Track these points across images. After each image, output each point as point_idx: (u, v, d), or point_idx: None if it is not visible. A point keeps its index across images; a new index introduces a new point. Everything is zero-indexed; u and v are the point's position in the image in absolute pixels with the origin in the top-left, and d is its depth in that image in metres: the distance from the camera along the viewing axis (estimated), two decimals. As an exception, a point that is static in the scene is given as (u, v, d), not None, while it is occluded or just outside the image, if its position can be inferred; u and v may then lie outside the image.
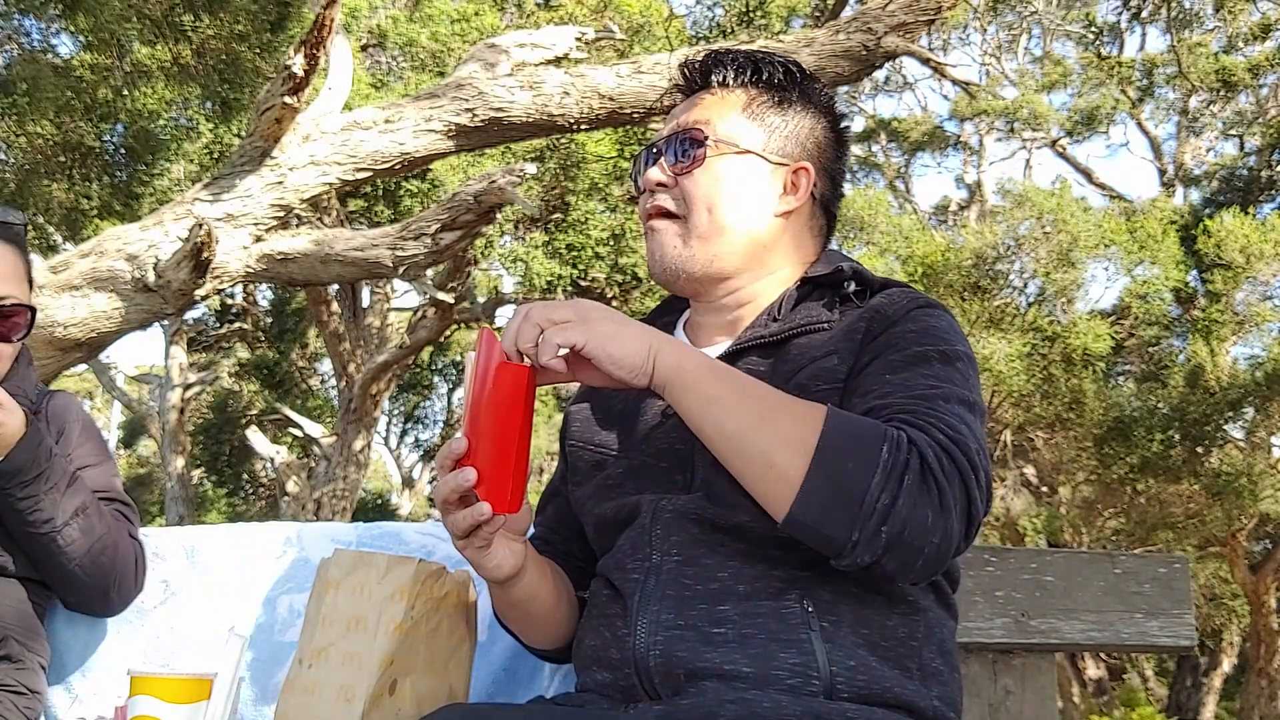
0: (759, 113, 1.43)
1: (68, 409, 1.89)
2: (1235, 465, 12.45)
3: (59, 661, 1.85)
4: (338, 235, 5.53)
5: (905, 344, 1.29)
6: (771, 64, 1.46)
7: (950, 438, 1.17)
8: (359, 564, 1.38)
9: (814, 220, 1.47)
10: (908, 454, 1.13)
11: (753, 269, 1.42)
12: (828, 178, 1.47)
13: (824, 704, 1.18)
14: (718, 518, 1.28)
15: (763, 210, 1.41)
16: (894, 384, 1.25)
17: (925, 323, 1.32)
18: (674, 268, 1.42)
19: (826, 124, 1.48)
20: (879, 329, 1.32)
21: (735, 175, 1.41)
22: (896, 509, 1.12)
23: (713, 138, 1.41)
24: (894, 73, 19.26)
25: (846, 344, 1.32)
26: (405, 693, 1.35)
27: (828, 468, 1.13)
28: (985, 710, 1.96)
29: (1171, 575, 2.13)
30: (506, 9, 12.22)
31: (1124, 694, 17.52)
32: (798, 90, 1.46)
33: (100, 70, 8.56)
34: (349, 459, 12.51)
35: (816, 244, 1.48)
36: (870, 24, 5.17)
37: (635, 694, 1.28)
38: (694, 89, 1.49)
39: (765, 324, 1.38)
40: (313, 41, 4.66)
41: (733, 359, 1.37)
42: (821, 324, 1.35)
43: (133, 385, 17.35)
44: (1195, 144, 17.49)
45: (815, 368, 1.31)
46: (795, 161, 1.43)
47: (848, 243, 14.78)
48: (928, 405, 1.21)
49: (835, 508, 1.13)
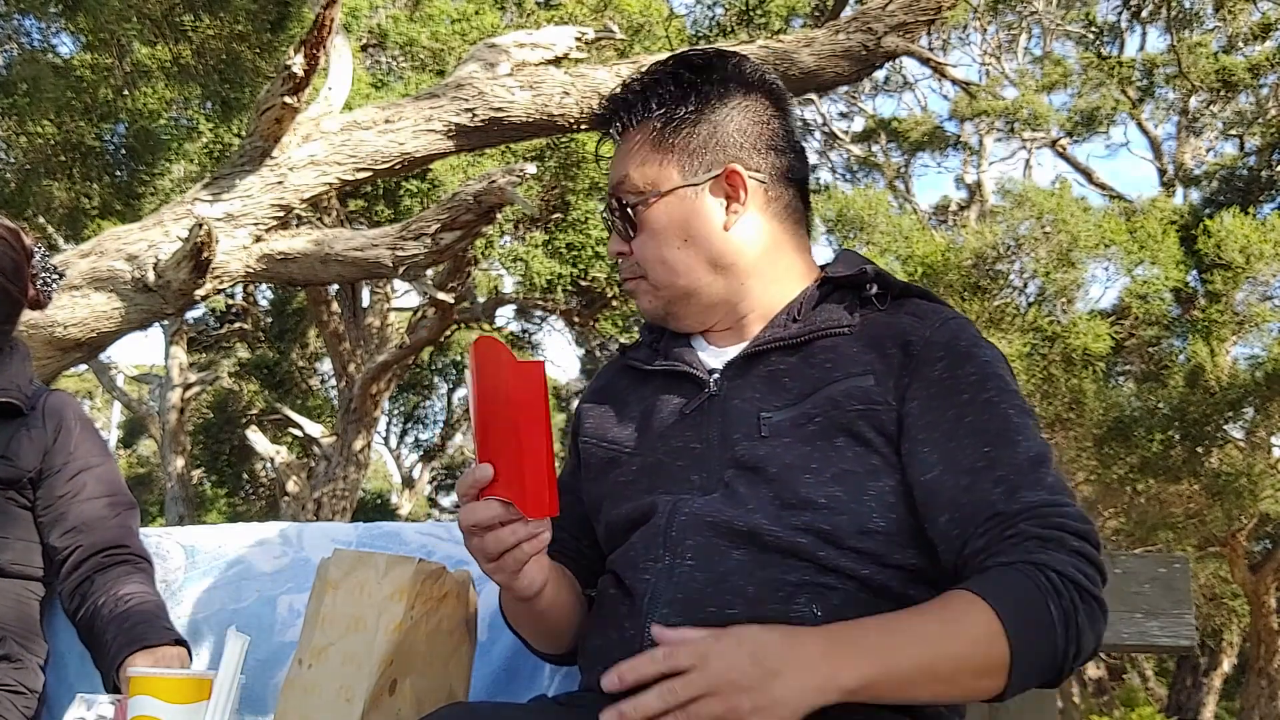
0: (668, 141, 1.38)
1: (65, 407, 1.89)
2: (1235, 465, 12.44)
3: (59, 661, 1.85)
4: (338, 235, 5.52)
5: (974, 392, 1.27)
6: (664, 84, 1.40)
7: (1081, 534, 1.19)
8: (359, 564, 1.38)
9: (776, 204, 1.41)
10: (1070, 594, 1.16)
11: (734, 284, 1.39)
12: (770, 154, 1.40)
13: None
14: (735, 520, 1.26)
15: (712, 234, 1.38)
16: (1000, 463, 1.23)
17: (979, 360, 1.30)
18: (660, 319, 1.43)
19: (747, 104, 1.40)
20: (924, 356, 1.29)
21: (672, 220, 1.38)
22: (1082, 647, 1.17)
23: (635, 194, 1.39)
24: (894, 73, 19.25)
25: (882, 364, 1.30)
26: (405, 692, 1.35)
27: (1023, 663, 1.15)
28: (985, 710, 1.96)
29: (1171, 575, 2.13)
30: (506, 9, 12.22)
31: (1124, 694, 17.52)
32: (699, 94, 1.39)
33: (100, 70, 8.56)
34: (349, 459, 12.51)
35: (793, 221, 1.43)
36: (870, 24, 5.17)
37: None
38: (614, 137, 1.45)
39: (785, 324, 1.36)
40: (313, 41, 4.66)
41: (753, 360, 1.35)
42: (843, 327, 1.33)
43: (133, 385, 17.35)
44: (1195, 144, 17.49)
45: (850, 385, 1.29)
46: (721, 168, 1.37)
47: (848, 243, 14.78)
48: (1045, 499, 1.21)
49: (1036, 678, 1.17)
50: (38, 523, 1.83)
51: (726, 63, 1.42)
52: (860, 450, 1.27)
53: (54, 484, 1.82)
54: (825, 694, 1.10)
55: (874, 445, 1.27)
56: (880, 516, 1.26)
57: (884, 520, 1.26)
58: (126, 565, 1.79)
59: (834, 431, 1.28)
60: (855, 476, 1.26)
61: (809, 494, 1.25)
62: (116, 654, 1.66)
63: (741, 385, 1.35)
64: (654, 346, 1.48)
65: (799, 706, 1.09)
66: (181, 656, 1.68)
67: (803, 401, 1.30)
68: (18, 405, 1.83)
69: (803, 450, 1.27)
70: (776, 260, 1.40)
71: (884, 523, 1.25)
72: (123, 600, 1.72)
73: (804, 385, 1.30)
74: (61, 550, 1.80)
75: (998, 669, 1.14)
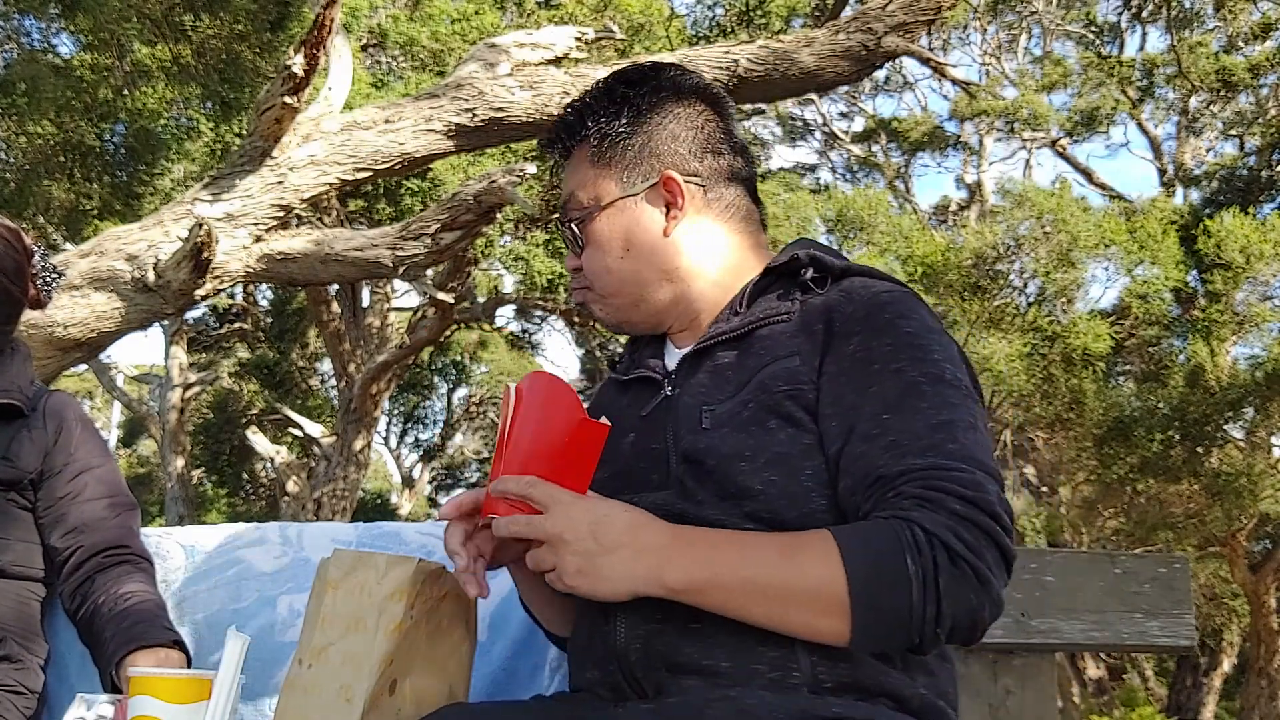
0: (605, 156, 1.43)
1: (65, 408, 1.88)
2: (1235, 465, 12.44)
3: (59, 661, 1.85)
4: (338, 235, 5.52)
5: (885, 362, 1.26)
6: (599, 102, 1.45)
7: (967, 498, 1.16)
8: (358, 564, 1.38)
9: (717, 205, 1.44)
10: (932, 552, 1.13)
11: (681, 287, 1.42)
12: (708, 157, 1.44)
13: (810, 700, 1.18)
14: (686, 512, 1.28)
15: (653, 242, 1.41)
16: (893, 429, 1.22)
17: (899, 330, 1.29)
18: (614, 327, 1.48)
19: (680, 112, 1.44)
20: (843, 330, 1.30)
21: (615, 231, 1.42)
22: (943, 611, 1.13)
23: (579, 210, 1.43)
24: (894, 73, 19.25)
25: (808, 343, 1.31)
26: (405, 693, 1.35)
27: (868, 612, 1.14)
28: (985, 710, 1.96)
29: (1171, 575, 2.13)
30: (506, 9, 12.21)
31: (1124, 694, 17.52)
32: (632, 107, 1.43)
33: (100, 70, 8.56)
34: (349, 459, 12.51)
35: (739, 218, 1.46)
36: (870, 24, 5.17)
37: (623, 691, 1.29)
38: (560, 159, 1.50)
39: (728, 318, 1.39)
40: (313, 41, 4.66)
41: (700, 356, 1.38)
42: (782, 315, 1.35)
43: (133, 385, 17.35)
44: (1195, 144, 17.48)
45: (777, 367, 1.31)
46: (658, 175, 1.41)
47: (848, 243, 14.78)
48: (935, 461, 1.19)
49: (889, 633, 1.16)
50: (38, 524, 1.83)
51: (660, 74, 1.46)
52: (793, 431, 1.28)
53: (55, 485, 1.82)
54: (649, 584, 1.18)
55: (804, 424, 1.28)
56: (819, 494, 1.26)
57: (823, 498, 1.26)
58: (127, 565, 1.80)
59: (766, 415, 1.29)
60: (789, 459, 1.27)
61: (746, 482, 1.27)
62: (115, 651, 1.66)
63: (691, 382, 1.38)
64: (632, 356, 1.52)
65: (620, 586, 1.18)
66: (180, 660, 1.68)
67: (741, 391, 1.32)
68: (19, 406, 1.83)
69: (738, 439, 1.29)
70: (723, 259, 1.43)
71: (824, 500, 1.26)
72: (123, 599, 1.73)
73: (742, 375, 1.32)
74: (62, 551, 1.80)
75: (835, 610, 1.14)
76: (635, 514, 1.22)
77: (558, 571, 1.19)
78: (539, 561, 1.20)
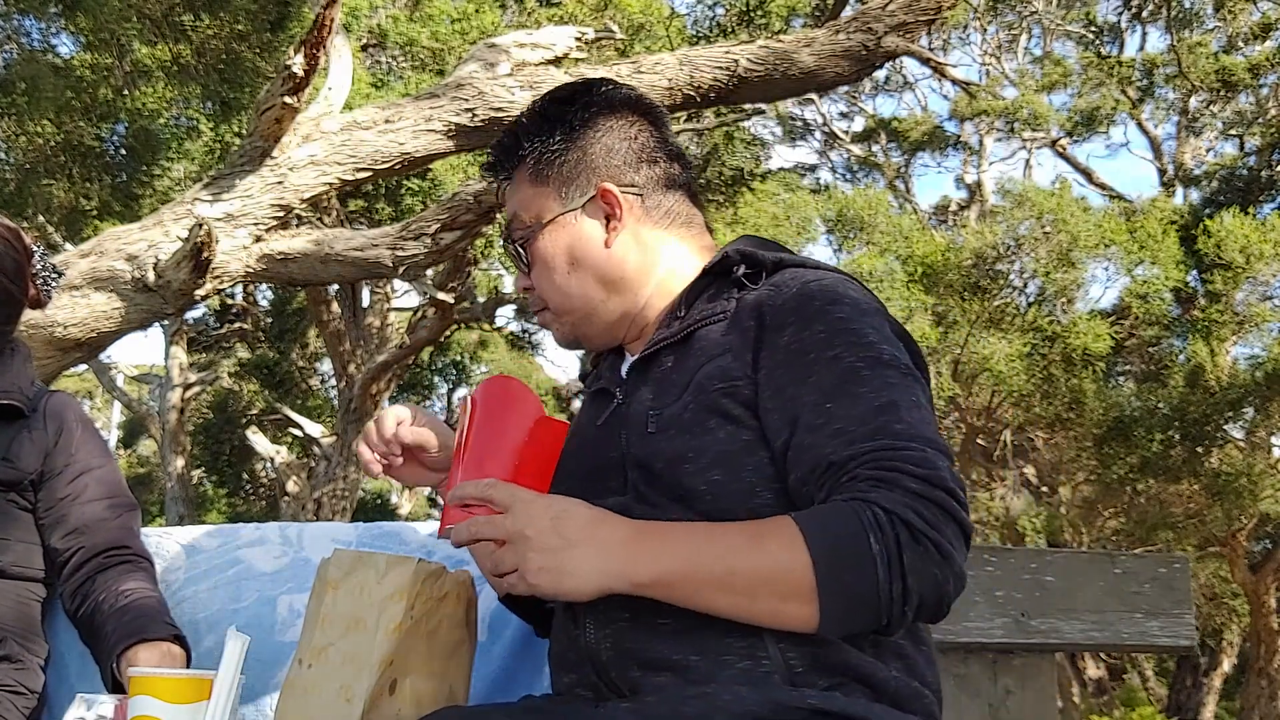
0: (543, 175, 1.45)
1: (66, 408, 1.88)
2: (1235, 465, 12.45)
3: (59, 661, 1.85)
4: (338, 235, 5.52)
5: (820, 350, 1.27)
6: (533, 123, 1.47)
7: (921, 475, 1.16)
8: (358, 564, 1.38)
9: (656, 212, 1.45)
10: (894, 530, 1.13)
11: (628, 297, 1.44)
12: (644, 167, 1.46)
13: (786, 691, 1.19)
14: (644, 515, 1.29)
15: (596, 255, 1.43)
16: (838, 416, 1.22)
17: (830, 317, 1.29)
18: (570, 345, 1.50)
19: (613, 125, 1.46)
20: (775, 323, 1.31)
21: (558, 247, 1.44)
22: (909, 588, 1.13)
23: (522, 230, 1.46)
24: (894, 73, 19.25)
25: (740, 339, 1.32)
26: (405, 693, 1.35)
27: (834, 597, 1.14)
28: (985, 710, 1.96)
29: (1171, 575, 2.13)
30: (506, 9, 12.21)
31: (1124, 694, 17.53)
32: (564, 125, 1.45)
33: (100, 70, 8.56)
34: (349, 459, 12.51)
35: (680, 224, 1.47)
36: (870, 24, 5.17)
37: (601, 692, 1.30)
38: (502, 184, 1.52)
39: (669, 324, 1.40)
40: (313, 41, 4.66)
41: (647, 363, 1.40)
42: (718, 315, 1.36)
43: (133, 385, 17.35)
44: (1195, 144, 17.48)
45: (711, 366, 1.32)
46: (594, 189, 1.43)
47: (848, 243, 14.78)
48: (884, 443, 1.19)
49: (857, 616, 1.16)
50: (39, 524, 1.83)
51: (591, 90, 1.48)
52: (732, 429, 1.28)
53: (55, 486, 1.82)
54: (615, 580, 1.17)
55: (743, 421, 1.29)
56: (764, 488, 1.26)
57: (769, 492, 1.26)
58: (128, 565, 1.80)
59: (706, 415, 1.30)
60: (731, 456, 1.28)
61: (691, 483, 1.28)
62: (115, 645, 1.66)
63: (639, 390, 1.39)
64: (595, 369, 1.55)
65: (586, 582, 1.17)
66: (180, 655, 1.68)
67: (684, 394, 1.33)
68: (19, 407, 1.83)
69: (682, 440, 1.30)
70: (666, 265, 1.45)
71: (770, 494, 1.26)
72: (124, 595, 1.73)
73: (684, 378, 1.34)
74: (63, 552, 1.80)
75: (802, 594, 1.14)
76: (596, 510, 1.22)
77: (520, 571, 1.18)
78: (500, 562, 1.20)
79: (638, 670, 1.25)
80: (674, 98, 5.25)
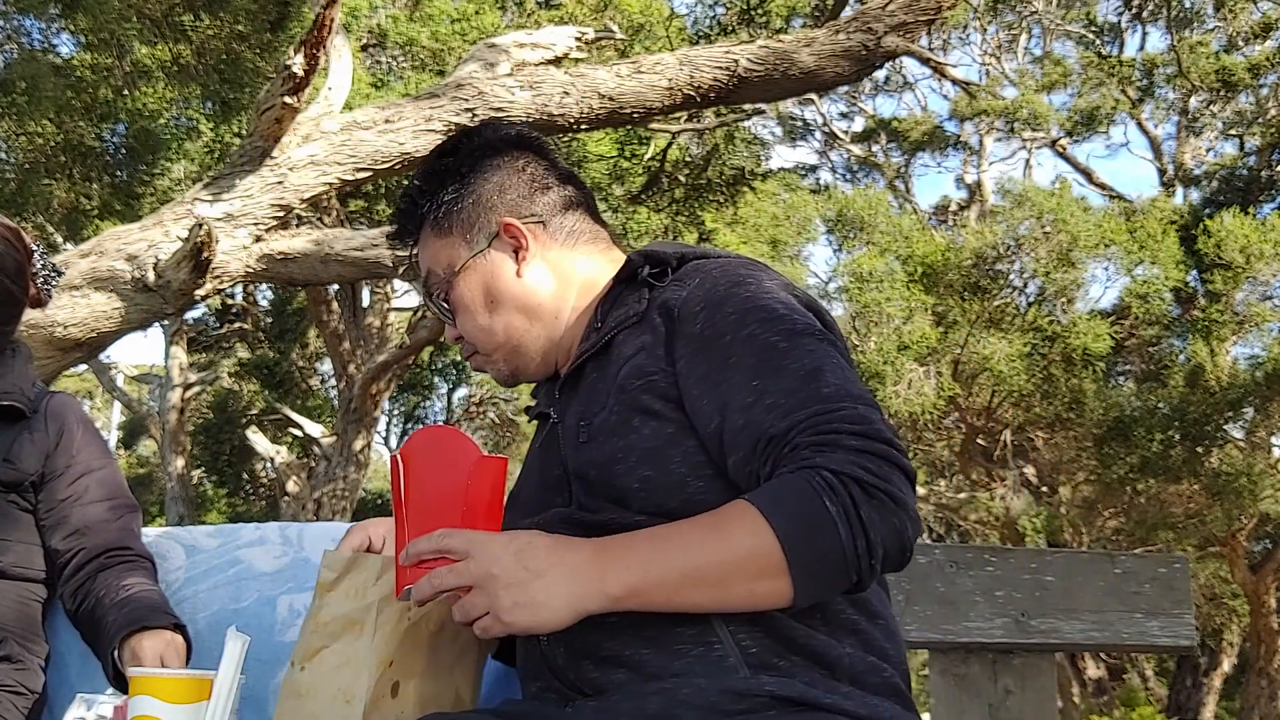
0: (444, 225, 1.48)
1: (67, 409, 1.88)
2: (1235, 465, 12.44)
3: (59, 662, 1.85)
4: (338, 235, 5.52)
5: (735, 331, 1.28)
6: (425, 180, 1.50)
7: (859, 432, 1.19)
8: (352, 566, 1.38)
9: (560, 234, 1.49)
10: (847, 489, 1.15)
11: (549, 322, 1.47)
12: (538, 195, 1.49)
13: (744, 681, 1.19)
14: (585, 519, 1.31)
15: (511, 288, 1.46)
16: (768, 391, 1.24)
17: (737, 298, 1.31)
18: (510, 381, 1.53)
19: (499, 163, 1.50)
20: (685, 313, 1.33)
21: (475, 290, 1.46)
22: (872, 541, 1.15)
23: (438, 282, 1.48)
24: (894, 73, 19.25)
25: (650, 335, 1.34)
26: (408, 695, 1.34)
27: (804, 566, 1.16)
28: (985, 710, 1.96)
29: (1171, 575, 2.13)
30: (506, 9, 12.21)
31: (1124, 694, 17.53)
32: (454, 175, 1.49)
33: (100, 70, 8.56)
34: (349, 459, 12.51)
35: (586, 241, 1.50)
36: (870, 24, 5.17)
37: (566, 694, 1.31)
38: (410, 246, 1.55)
39: (588, 337, 1.43)
40: (313, 41, 4.66)
41: (575, 378, 1.42)
42: (632, 318, 1.38)
43: (133, 385, 17.35)
44: (1195, 144, 17.48)
45: (629, 366, 1.34)
46: (496, 226, 1.46)
47: (848, 243, 14.78)
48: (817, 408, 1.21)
49: (829, 579, 1.17)
50: (40, 525, 1.83)
51: (471, 139, 1.52)
52: (655, 424, 1.30)
53: (56, 487, 1.83)
54: (590, 600, 1.17)
55: (664, 414, 1.30)
56: (695, 478, 1.28)
57: (699, 479, 1.28)
58: (129, 564, 1.80)
59: (629, 415, 1.31)
60: (657, 450, 1.29)
61: (624, 484, 1.29)
62: (116, 634, 1.66)
63: (570, 404, 1.41)
64: (536, 398, 1.57)
65: (562, 610, 1.16)
66: (182, 645, 1.68)
67: (608, 399, 1.35)
68: (20, 408, 1.83)
69: (611, 444, 1.31)
70: (580, 284, 1.48)
71: (702, 482, 1.28)
72: (124, 589, 1.74)
73: (607, 384, 1.36)
74: (64, 553, 1.81)
75: (774, 570, 1.15)
76: (553, 537, 1.22)
77: (493, 612, 1.17)
78: (469, 609, 1.19)
79: (594, 669, 1.26)
80: (674, 98, 5.25)
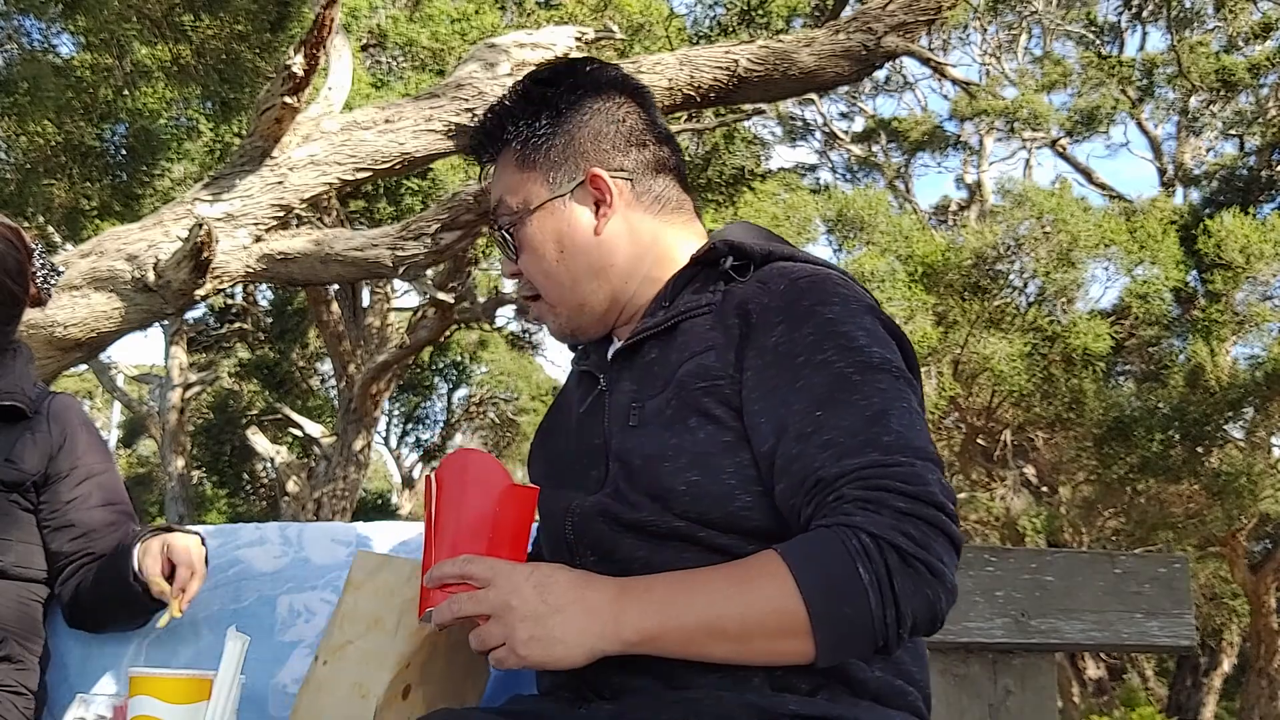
0: (529, 159, 1.40)
1: (69, 411, 1.88)
2: (1235, 465, 12.44)
3: (59, 661, 1.85)
4: (338, 235, 5.52)
5: (809, 354, 1.23)
6: (517, 105, 1.42)
7: (909, 493, 1.14)
8: (383, 566, 1.39)
9: (646, 197, 1.41)
10: (884, 556, 1.11)
11: (617, 284, 1.40)
12: (633, 151, 1.41)
13: (768, 698, 1.18)
14: (621, 514, 1.28)
15: (586, 242, 1.39)
16: (828, 426, 1.19)
17: (820, 318, 1.25)
18: (563, 336, 1.45)
19: (600, 107, 1.41)
20: (762, 322, 1.27)
21: (547, 233, 1.39)
22: (902, 612, 1.12)
23: (510, 216, 1.41)
24: (894, 73, 19.25)
25: (724, 337, 1.28)
26: (417, 700, 1.35)
27: (829, 630, 1.12)
28: (985, 710, 1.96)
29: (1171, 575, 2.13)
30: (506, 9, 12.21)
31: (1124, 694, 17.53)
32: (550, 108, 1.40)
33: (100, 70, 8.55)
34: (349, 459, 12.51)
35: (670, 209, 1.43)
36: (870, 24, 5.17)
37: (582, 691, 1.29)
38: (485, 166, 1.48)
39: (654, 313, 1.37)
40: (313, 41, 4.66)
41: (631, 352, 1.37)
42: (703, 307, 1.33)
43: (133, 385, 17.34)
44: (1195, 144, 17.48)
45: (693, 364, 1.29)
46: (583, 174, 1.39)
47: (848, 243, 14.78)
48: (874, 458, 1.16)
49: (853, 645, 1.14)
50: (41, 526, 1.83)
51: (575, 71, 1.43)
52: (712, 429, 1.26)
53: (59, 489, 1.83)
54: (606, 641, 1.15)
55: (724, 421, 1.26)
56: (744, 492, 1.24)
57: (748, 494, 1.24)
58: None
59: (686, 413, 1.27)
60: (711, 457, 1.25)
61: (669, 483, 1.25)
62: (134, 542, 1.69)
63: (623, 379, 1.36)
64: (586, 347, 1.50)
65: (576, 648, 1.14)
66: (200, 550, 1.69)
67: (666, 388, 1.30)
68: (21, 408, 1.83)
69: (662, 438, 1.27)
70: (656, 252, 1.41)
71: (750, 497, 1.24)
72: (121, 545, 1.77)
73: (666, 371, 1.31)
74: (68, 555, 1.81)
75: (797, 632, 1.12)
76: (577, 572, 1.20)
77: (509, 644, 1.15)
78: (486, 639, 1.17)
79: (618, 673, 1.23)
80: (674, 98, 5.25)
